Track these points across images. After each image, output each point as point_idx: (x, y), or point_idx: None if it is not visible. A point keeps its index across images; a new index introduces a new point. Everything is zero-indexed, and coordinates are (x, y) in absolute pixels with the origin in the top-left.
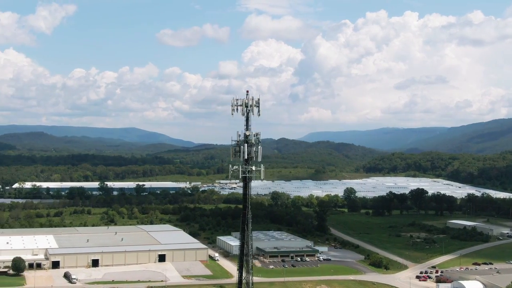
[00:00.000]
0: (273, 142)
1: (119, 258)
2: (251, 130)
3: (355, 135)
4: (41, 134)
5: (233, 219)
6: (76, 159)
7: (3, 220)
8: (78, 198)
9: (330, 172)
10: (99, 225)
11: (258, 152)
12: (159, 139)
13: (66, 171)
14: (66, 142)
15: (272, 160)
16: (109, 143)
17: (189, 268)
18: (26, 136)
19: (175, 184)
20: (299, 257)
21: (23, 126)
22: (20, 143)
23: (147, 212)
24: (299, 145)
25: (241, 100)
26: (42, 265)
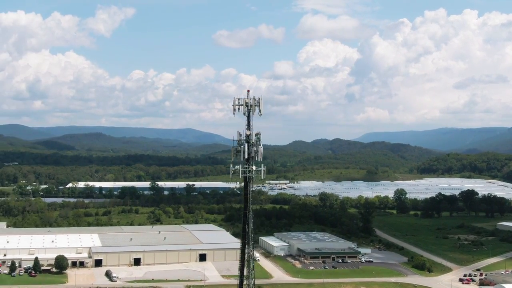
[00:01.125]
0: (327, 143)
1: (161, 257)
2: (252, 130)
3: (413, 136)
4: (99, 135)
5: (277, 219)
6: (132, 159)
7: (52, 219)
8: (128, 197)
9: (383, 173)
10: (145, 224)
11: (259, 152)
12: (214, 139)
13: (120, 171)
14: (124, 142)
15: (325, 160)
16: (166, 143)
17: (229, 268)
18: (85, 137)
19: (225, 184)
20: (341, 259)
21: (83, 127)
22: (79, 143)
23: (193, 212)
24: (353, 146)
25: (242, 99)
26: (85, 264)
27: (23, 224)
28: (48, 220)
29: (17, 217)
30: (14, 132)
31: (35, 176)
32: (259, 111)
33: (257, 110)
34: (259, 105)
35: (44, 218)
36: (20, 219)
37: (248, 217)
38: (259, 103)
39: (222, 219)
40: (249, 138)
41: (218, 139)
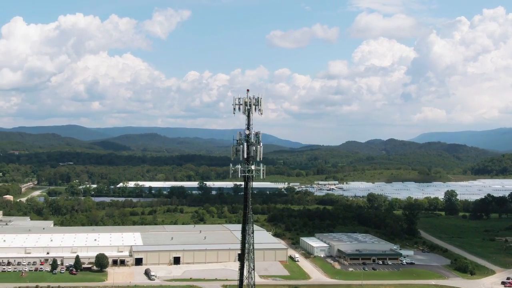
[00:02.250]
0: (381, 143)
1: (200, 256)
2: (252, 129)
3: (471, 136)
4: (155, 136)
5: (320, 220)
6: (184, 159)
7: (98, 218)
8: (175, 197)
9: (435, 174)
10: (189, 224)
11: (257, 151)
12: (268, 140)
13: (171, 171)
14: (179, 143)
15: (377, 161)
16: (220, 144)
17: (267, 268)
18: (141, 137)
19: (273, 184)
20: (381, 260)
21: (139, 127)
22: (135, 144)
23: (237, 212)
24: (408, 146)
25: (242, 99)
26: (126, 262)
27: (70, 223)
28: (94, 219)
29: (66, 216)
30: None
31: (88, 176)
32: (259, 110)
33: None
34: (258, 104)
35: (90, 217)
36: (68, 217)
37: (248, 217)
38: (258, 103)
39: (265, 219)
40: (248, 137)
41: (271, 140)
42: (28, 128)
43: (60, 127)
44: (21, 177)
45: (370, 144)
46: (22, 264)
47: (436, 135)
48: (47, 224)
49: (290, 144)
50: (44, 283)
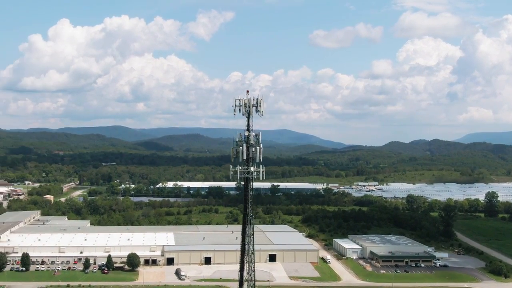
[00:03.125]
0: (426, 144)
1: (231, 257)
2: (252, 131)
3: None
4: (197, 136)
5: (355, 221)
6: (224, 160)
7: (134, 218)
8: (211, 197)
9: (478, 175)
10: (223, 224)
11: (257, 153)
12: (310, 140)
13: (210, 171)
14: (221, 143)
15: (420, 162)
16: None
17: (298, 269)
18: (184, 138)
19: (311, 185)
20: (414, 263)
21: (182, 128)
22: (178, 144)
23: (271, 212)
24: (452, 147)
25: (242, 100)
26: (158, 262)
27: (106, 223)
28: (130, 219)
29: (103, 215)
30: (117, 134)
31: (129, 176)
32: (258, 111)
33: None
34: (257, 105)
35: (126, 217)
36: (105, 217)
37: (247, 218)
38: (257, 104)
39: (299, 220)
40: (248, 139)
41: (314, 140)
42: (74, 129)
43: (105, 128)
44: (64, 177)
45: (414, 144)
46: (55, 263)
47: (482, 135)
48: (84, 224)
49: (332, 144)
50: (76, 282)
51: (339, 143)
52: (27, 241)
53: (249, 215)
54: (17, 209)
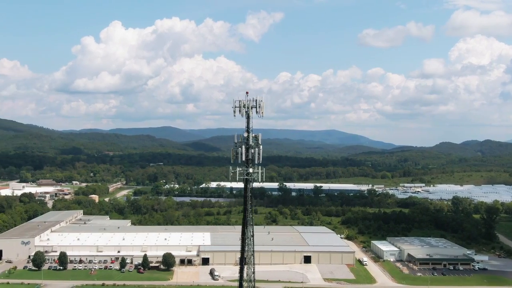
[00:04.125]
0: (477, 144)
1: (266, 257)
2: (251, 132)
3: None
4: None
5: (396, 223)
6: (270, 160)
7: (174, 218)
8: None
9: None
10: (261, 224)
11: (256, 154)
12: (359, 141)
13: None
14: (268, 144)
15: (470, 163)
16: (309, 145)
17: (333, 271)
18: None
19: (355, 186)
20: (452, 266)
21: (231, 129)
22: (225, 145)
23: (310, 214)
24: (505, 148)
25: (241, 101)
26: (193, 261)
27: (147, 222)
28: (170, 219)
29: (145, 215)
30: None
31: (174, 176)
32: (258, 112)
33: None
34: (257, 106)
35: (167, 217)
36: (146, 217)
37: (247, 220)
38: (256, 105)
39: (338, 222)
40: (247, 140)
41: (363, 141)
42: (124, 130)
43: (155, 129)
44: (111, 177)
45: (466, 145)
46: (93, 262)
47: None
48: (124, 223)
49: (382, 145)
50: (111, 281)
51: (389, 144)
52: (66, 240)
53: (249, 216)
54: (61, 208)
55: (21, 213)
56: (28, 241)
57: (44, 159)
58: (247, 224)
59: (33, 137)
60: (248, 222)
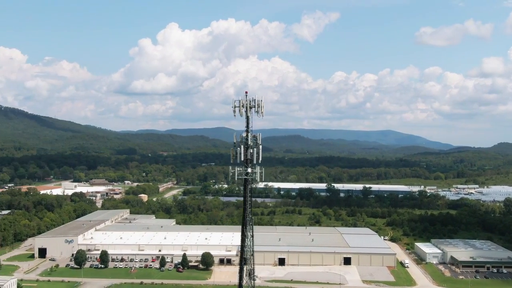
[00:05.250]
0: None
1: (305, 258)
2: (251, 131)
3: None
4: (298, 137)
5: (442, 225)
6: (322, 161)
7: (218, 217)
8: (298, 198)
9: None
10: (304, 225)
11: (254, 154)
12: (416, 141)
13: (303, 172)
14: (322, 144)
15: None
16: (364, 145)
17: (372, 273)
18: (285, 139)
19: (405, 187)
20: (496, 269)
21: (284, 129)
22: (278, 145)
23: (355, 215)
24: None
25: (240, 101)
26: (232, 261)
27: (192, 221)
28: (214, 218)
29: (190, 214)
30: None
31: (224, 176)
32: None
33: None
34: (255, 106)
35: (211, 216)
36: (192, 216)
37: (246, 220)
38: (255, 105)
39: (383, 223)
40: (246, 139)
41: (420, 141)
42: (180, 131)
43: (210, 130)
44: (162, 177)
45: None
46: (134, 261)
47: None
48: (168, 223)
49: (439, 146)
50: (150, 279)
51: (447, 145)
52: (109, 239)
53: (248, 216)
54: (109, 207)
55: (69, 212)
56: (72, 239)
57: (99, 159)
58: (247, 224)
59: (89, 138)
60: (248, 222)
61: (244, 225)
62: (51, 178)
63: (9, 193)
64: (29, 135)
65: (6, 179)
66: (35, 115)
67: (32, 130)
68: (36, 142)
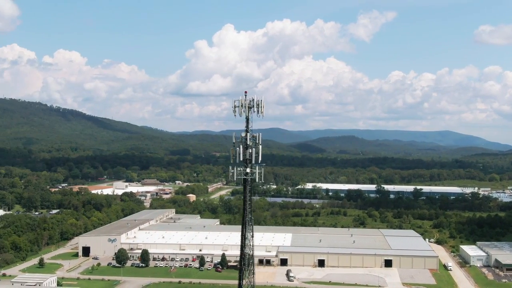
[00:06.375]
0: None
1: (345, 260)
2: (251, 131)
3: None
4: (352, 138)
5: (490, 227)
6: (374, 162)
7: (261, 218)
8: (345, 200)
9: None
10: (349, 227)
11: (253, 154)
12: (474, 142)
13: (354, 173)
14: (376, 145)
15: None
16: (421, 146)
17: (413, 275)
18: (338, 140)
19: (457, 189)
20: None
21: (338, 130)
22: (332, 146)
23: (401, 217)
24: None
25: (239, 101)
26: (272, 262)
27: (235, 222)
28: (258, 219)
29: (235, 214)
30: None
31: (273, 177)
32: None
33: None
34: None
35: (254, 217)
36: (236, 216)
37: (245, 221)
38: (254, 105)
39: (430, 226)
40: (245, 139)
41: (478, 142)
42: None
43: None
44: (212, 178)
45: None
46: (175, 260)
47: None
48: (212, 223)
49: (498, 146)
50: (188, 279)
51: (506, 145)
52: (151, 238)
53: (247, 217)
54: (157, 207)
55: (117, 211)
56: (115, 238)
57: (152, 159)
58: (246, 225)
59: (145, 139)
60: (247, 223)
61: (244, 225)
62: (105, 178)
63: (61, 193)
64: (86, 136)
65: (60, 179)
66: (93, 117)
67: (90, 131)
68: (93, 143)
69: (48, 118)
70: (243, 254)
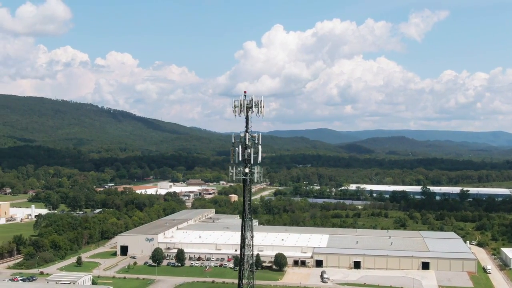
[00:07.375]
0: None
1: (381, 262)
2: (250, 131)
3: None
4: (401, 139)
5: None
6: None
7: (300, 219)
8: (388, 201)
9: None
10: (389, 228)
11: (252, 154)
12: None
13: (400, 174)
14: (427, 146)
15: None
16: (473, 147)
17: (451, 278)
18: (388, 140)
19: (505, 191)
20: None
21: (388, 130)
22: (381, 147)
23: (443, 219)
24: None
25: (238, 101)
26: (307, 263)
27: (274, 222)
28: (297, 220)
29: (275, 215)
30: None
31: (317, 177)
32: (257, 112)
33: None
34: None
35: (293, 217)
36: (276, 217)
37: (245, 221)
38: (252, 105)
39: (472, 228)
40: (244, 140)
41: None
42: (282, 132)
43: (311, 131)
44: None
45: None
46: (210, 260)
47: None
48: None
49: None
50: (222, 278)
51: None
52: (188, 237)
53: (247, 216)
54: (198, 207)
55: (158, 211)
56: (152, 237)
57: (198, 160)
58: (246, 225)
59: (192, 139)
60: (247, 223)
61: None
62: (151, 178)
63: (105, 193)
64: (136, 137)
65: (107, 179)
66: (143, 118)
67: (139, 132)
68: (142, 144)
69: (98, 119)
70: (242, 255)
